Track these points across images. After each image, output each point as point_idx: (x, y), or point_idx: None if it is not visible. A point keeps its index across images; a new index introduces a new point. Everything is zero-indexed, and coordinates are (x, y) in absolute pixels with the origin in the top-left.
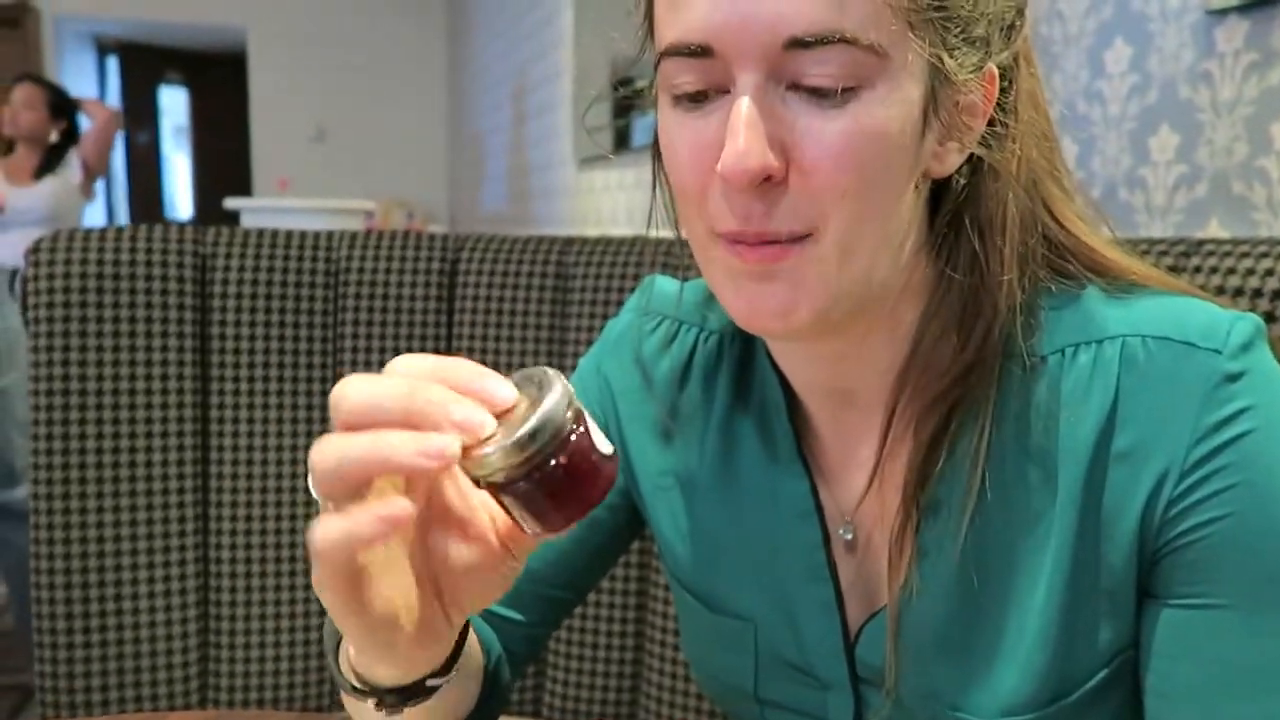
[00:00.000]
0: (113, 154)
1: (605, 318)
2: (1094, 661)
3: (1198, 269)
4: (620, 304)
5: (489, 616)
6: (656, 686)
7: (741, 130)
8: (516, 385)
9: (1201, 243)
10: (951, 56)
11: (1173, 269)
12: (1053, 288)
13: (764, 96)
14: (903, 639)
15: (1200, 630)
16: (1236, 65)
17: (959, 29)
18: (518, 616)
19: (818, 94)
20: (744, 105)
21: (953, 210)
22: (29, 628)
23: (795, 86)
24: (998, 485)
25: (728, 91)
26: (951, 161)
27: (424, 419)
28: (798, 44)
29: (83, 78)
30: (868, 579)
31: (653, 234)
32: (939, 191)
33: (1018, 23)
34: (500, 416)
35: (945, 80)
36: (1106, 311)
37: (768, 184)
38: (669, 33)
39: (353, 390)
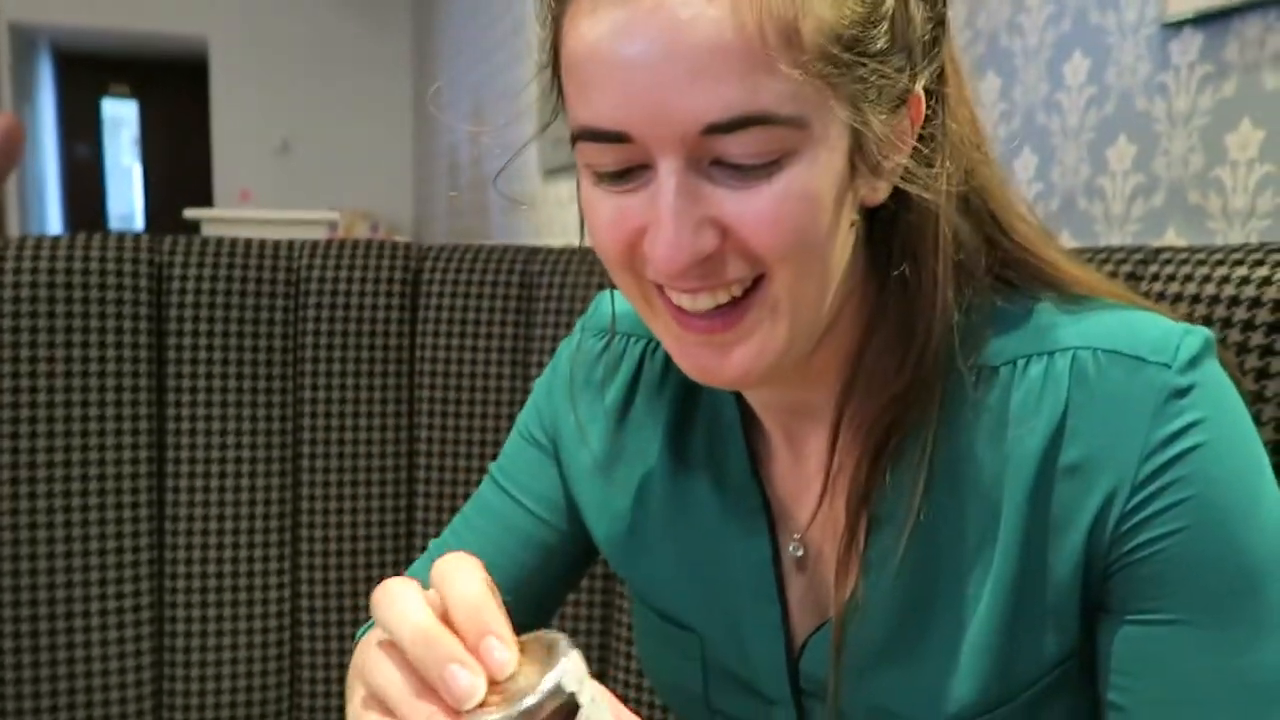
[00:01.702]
0: (13, 168)
1: (571, 329)
2: (1037, 669)
3: (1155, 276)
4: None
5: None
6: (621, 699)
7: (671, 219)
8: (524, 646)
9: (1159, 251)
10: (872, 103)
11: (1131, 277)
12: (999, 301)
13: (688, 177)
14: (847, 652)
15: (1157, 646)
16: (1191, 77)
17: (878, 71)
18: None
19: (741, 169)
20: (669, 193)
21: (885, 232)
22: None
23: (719, 162)
24: (944, 498)
25: (649, 166)
26: (882, 191)
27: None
28: (716, 129)
29: (40, 86)
30: (816, 593)
31: None
32: (872, 213)
33: (939, 35)
34: (500, 683)
35: (868, 125)
36: (1058, 323)
37: (704, 263)
38: (580, 115)
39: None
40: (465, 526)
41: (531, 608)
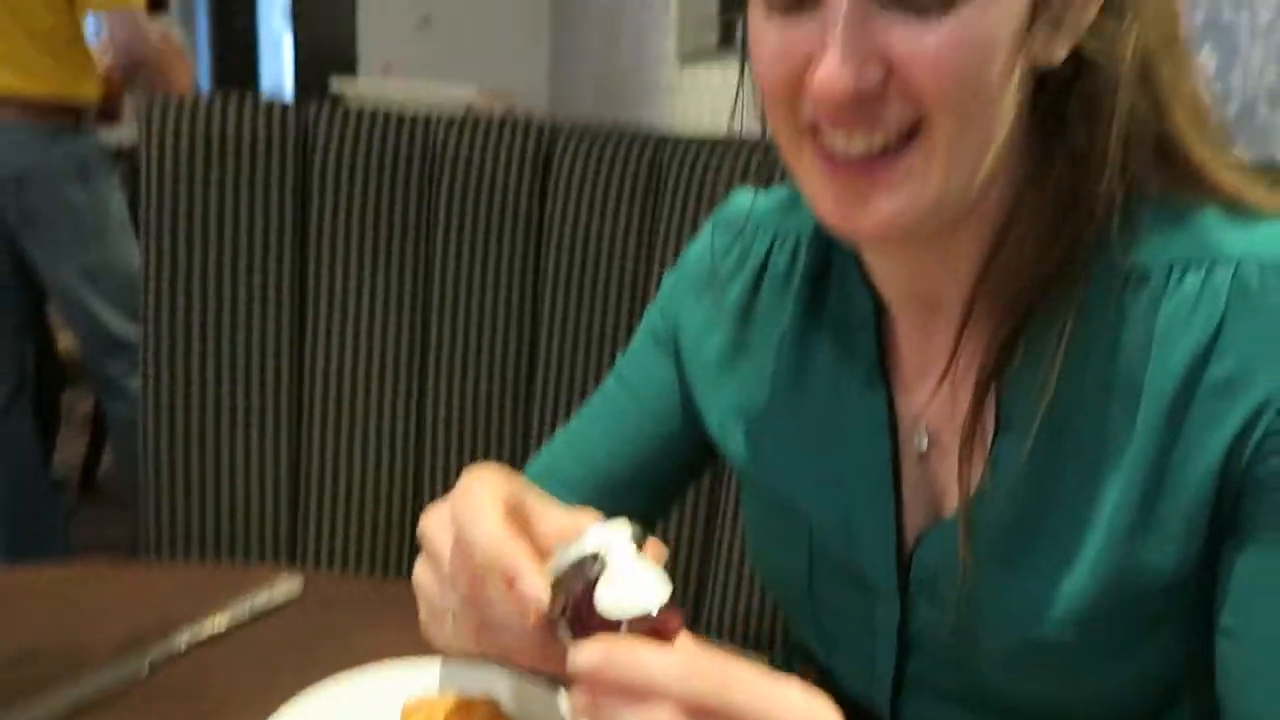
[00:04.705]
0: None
1: (697, 219)
2: (1148, 588)
3: None
4: (714, 205)
5: None
6: (722, 585)
7: (837, 46)
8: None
9: None
10: None
11: None
12: (1160, 200)
13: (861, 5)
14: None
15: None
16: None
17: None
18: None
19: (915, 3)
20: (838, 19)
21: (1056, 100)
22: (135, 488)
23: None
24: (1076, 398)
25: (820, 1)
26: (1059, 50)
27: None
28: None
29: None
30: (931, 488)
31: (751, 134)
32: (1043, 78)
33: None
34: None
35: None
36: (1224, 233)
37: (864, 100)
38: None
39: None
40: (592, 417)
41: (649, 498)
